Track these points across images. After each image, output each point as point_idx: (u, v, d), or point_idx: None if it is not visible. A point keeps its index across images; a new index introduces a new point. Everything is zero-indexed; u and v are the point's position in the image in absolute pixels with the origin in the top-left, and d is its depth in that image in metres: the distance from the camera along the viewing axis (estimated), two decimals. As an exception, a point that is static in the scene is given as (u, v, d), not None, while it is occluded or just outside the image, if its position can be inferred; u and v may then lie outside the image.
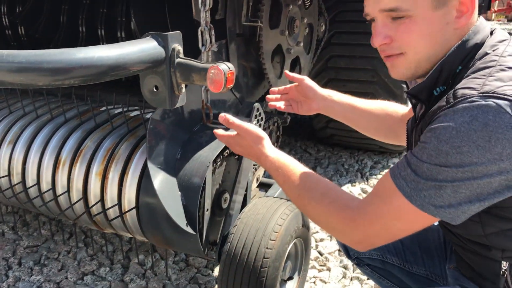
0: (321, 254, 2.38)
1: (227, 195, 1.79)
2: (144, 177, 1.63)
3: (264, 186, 2.32)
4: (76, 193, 1.77)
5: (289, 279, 1.88)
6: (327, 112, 1.61)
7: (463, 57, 1.04)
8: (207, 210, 1.64)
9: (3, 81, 1.13)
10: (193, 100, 1.68)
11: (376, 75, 3.12)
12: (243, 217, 1.71)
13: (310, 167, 3.41)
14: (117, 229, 1.79)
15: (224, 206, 1.78)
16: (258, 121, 1.83)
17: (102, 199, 1.72)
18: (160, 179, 1.55)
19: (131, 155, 1.70)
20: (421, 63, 1.08)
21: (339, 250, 2.41)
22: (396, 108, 1.56)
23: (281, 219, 1.68)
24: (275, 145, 2.28)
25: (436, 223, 1.26)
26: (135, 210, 1.65)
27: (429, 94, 1.09)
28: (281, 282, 1.75)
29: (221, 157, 1.70)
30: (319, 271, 2.26)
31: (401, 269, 1.53)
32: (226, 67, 1.30)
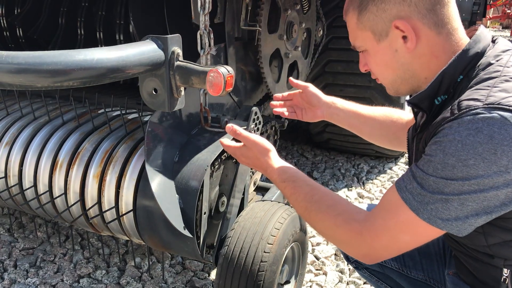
0: (318, 258, 2.38)
1: (224, 198, 1.79)
2: (141, 180, 1.62)
3: (261, 189, 2.33)
4: (73, 195, 1.77)
5: (286, 283, 1.88)
6: (332, 119, 1.63)
7: (464, 66, 1.04)
8: (205, 213, 1.64)
9: (2, 82, 1.13)
10: (191, 103, 1.69)
11: (372, 80, 3.11)
12: (240, 220, 1.71)
13: (306, 171, 3.43)
14: (114, 231, 1.79)
15: (221, 209, 1.78)
16: (256, 124, 1.83)
17: (99, 202, 1.72)
18: (157, 182, 1.55)
19: (129, 157, 1.70)
20: (395, 86, 1.18)
21: (335, 254, 2.41)
22: (400, 115, 1.57)
23: (279, 222, 1.68)
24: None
25: None
26: (132, 212, 1.64)
27: (431, 103, 1.09)
28: (278, 285, 1.75)
29: (219, 160, 1.70)
30: (316, 275, 2.26)
31: (399, 274, 1.53)
32: (225, 71, 1.31)
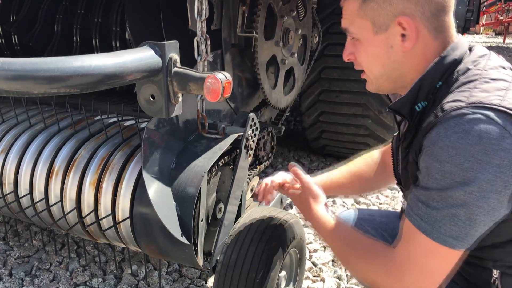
0: (315, 264, 2.37)
1: (221, 205, 1.78)
2: (138, 187, 1.62)
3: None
4: (69, 203, 1.76)
5: (284, 289, 1.87)
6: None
7: (442, 72, 1.06)
8: (202, 220, 1.63)
9: (-2, 88, 1.12)
10: (188, 109, 1.68)
11: (368, 87, 3.14)
12: (238, 227, 1.70)
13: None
14: (110, 239, 1.78)
15: (219, 216, 1.77)
16: (253, 130, 1.83)
17: (95, 209, 1.70)
18: (154, 189, 1.54)
19: (125, 164, 1.69)
20: (379, 81, 1.17)
21: (333, 260, 2.41)
22: (372, 155, 1.64)
23: (277, 229, 1.67)
24: (270, 155, 2.28)
25: None
26: (129, 220, 1.63)
27: (411, 109, 1.10)
28: (276, 292, 1.74)
29: (216, 166, 1.69)
30: (313, 282, 2.25)
31: None
32: (223, 77, 1.31)
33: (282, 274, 1.78)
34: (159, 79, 1.33)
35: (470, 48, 1.11)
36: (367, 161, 1.64)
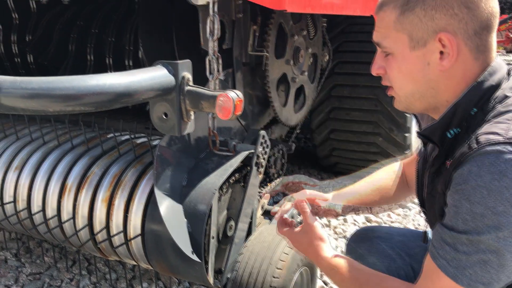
0: (326, 284, 2.35)
1: (232, 223, 1.78)
2: (150, 204, 1.62)
3: (269, 214, 2.31)
4: (81, 220, 1.77)
5: (295, 308, 1.85)
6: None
7: (478, 99, 1.00)
8: (213, 237, 1.63)
9: (15, 107, 1.14)
10: (199, 127, 1.70)
11: (379, 104, 3.15)
12: (249, 245, 1.70)
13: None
14: (121, 256, 1.78)
15: (229, 233, 1.77)
16: (263, 148, 1.83)
17: (107, 226, 1.71)
18: (166, 206, 1.55)
19: (137, 181, 1.70)
20: (410, 100, 1.08)
21: (344, 279, 2.38)
22: (393, 167, 1.57)
23: (288, 247, 1.67)
24: (281, 172, 2.28)
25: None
26: (140, 237, 1.64)
27: (442, 136, 1.04)
28: (286, 311, 1.72)
29: (227, 184, 1.70)
30: (324, 301, 2.22)
31: None
32: (235, 95, 1.32)
33: (293, 292, 1.76)
34: (172, 98, 1.35)
35: (509, 71, 1.04)
36: (389, 173, 1.58)
